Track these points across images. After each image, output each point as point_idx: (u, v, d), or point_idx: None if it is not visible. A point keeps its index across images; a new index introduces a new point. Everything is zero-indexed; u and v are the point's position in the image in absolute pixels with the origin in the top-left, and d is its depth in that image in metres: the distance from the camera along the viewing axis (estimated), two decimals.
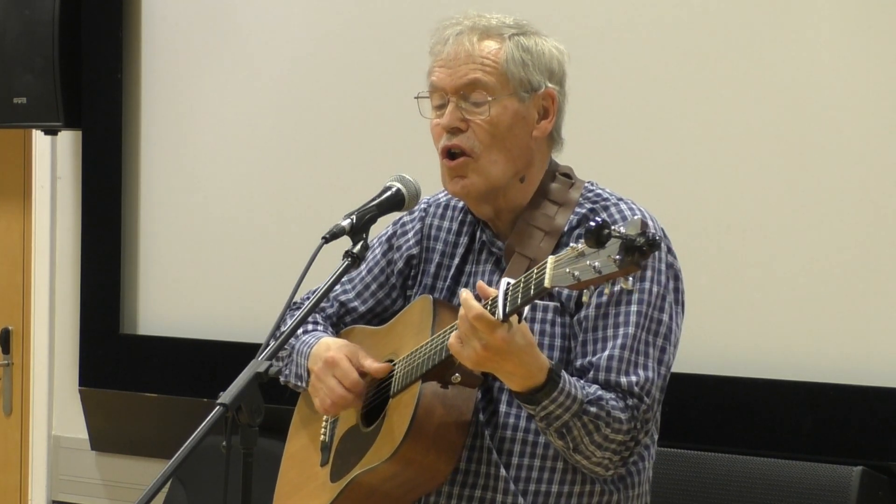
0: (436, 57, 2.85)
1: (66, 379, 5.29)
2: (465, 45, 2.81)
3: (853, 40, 3.82)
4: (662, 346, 2.76)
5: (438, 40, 2.85)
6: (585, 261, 2.37)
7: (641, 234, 2.31)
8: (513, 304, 2.52)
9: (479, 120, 2.79)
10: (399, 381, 2.81)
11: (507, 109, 2.80)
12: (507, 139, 2.81)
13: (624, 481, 2.82)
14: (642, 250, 2.31)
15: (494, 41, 2.82)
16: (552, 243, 2.80)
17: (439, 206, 3.01)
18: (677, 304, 2.80)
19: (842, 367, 3.78)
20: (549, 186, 2.86)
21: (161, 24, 5.03)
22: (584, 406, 2.64)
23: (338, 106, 4.67)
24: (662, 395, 2.77)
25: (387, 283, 3.04)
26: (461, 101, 2.80)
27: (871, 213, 3.77)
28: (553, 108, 2.85)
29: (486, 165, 2.81)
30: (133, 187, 5.09)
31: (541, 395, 2.61)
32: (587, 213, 2.83)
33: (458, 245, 2.95)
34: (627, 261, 2.32)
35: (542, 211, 2.83)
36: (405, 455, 2.73)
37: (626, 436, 2.69)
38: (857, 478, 3.64)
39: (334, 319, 3.07)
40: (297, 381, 3.01)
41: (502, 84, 2.80)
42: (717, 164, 3.97)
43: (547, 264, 2.45)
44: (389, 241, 3.04)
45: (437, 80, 2.83)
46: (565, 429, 2.65)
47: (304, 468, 3.05)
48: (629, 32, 4.11)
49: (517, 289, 2.52)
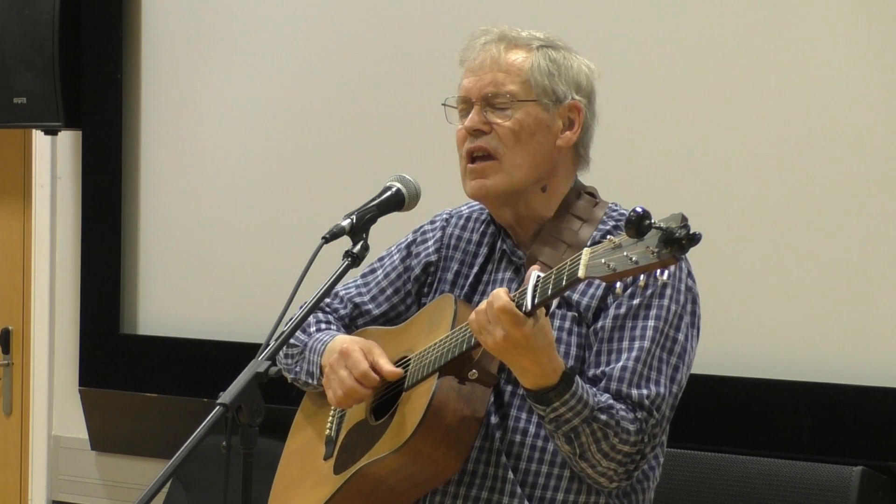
0: (465, 66, 2.88)
1: (66, 379, 5.29)
2: (491, 53, 2.84)
3: (854, 40, 3.82)
4: (676, 364, 2.76)
5: (468, 48, 2.89)
6: (623, 251, 2.37)
7: (682, 227, 2.32)
8: (542, 296, 2.53)
9: (502, 124, 2.81)
10: (414, 375, 2.81)
11: (530, 115, 2.82)
12: (530, 144, 2.82)
13: (629, 497, 2.83)
14: (681, 243, 2.31)
15: (522, 51, 2.85)
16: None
17: (461, 217, 3.02)
18: (693, 328, 2.81)
19: (842, 367, 3.78)
20: (575, 203, 2.87)
21: (161, 24, 5.04)
22: (595, 413, 2.65)
23: (337, 106, 4.67)
24: (672, 413, 2.77)
25: (402, 289, 3.04)
26: (485, 106, 2.83)
27: (872, 214, 3.78)
28: (579, 119, 2.86)
29: (509, 168, 2.82)
30: (133, 187, 5.09)
31: (552, 396, 2.62)
32: (611, 230, 2.84)
33: (478, 255, 2.96)
34: (666, 253, 2.32)
35: (567, 225, 2.85)
36: (415, 446, 2.72)
37: (633, 447, 2.69)
38: (857, 478, 3.64)
39: (346, 321, 3.07)
40: (308, 379, 3.01)
41: (526, 91, 2.82)
42: (717, 164, 3.97)
43: (582, 255, 2.45)
44: (409, 248, 3.05)
45: (464, 88, 2.86)
46: (573, 433, 2.66)
47: (305, 462, 3.05)
48: (629, 34, 4.11)
49: (548, 280, 2.53)
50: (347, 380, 2.86)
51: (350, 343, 2.90)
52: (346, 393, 2.87)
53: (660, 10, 4.06)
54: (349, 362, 2.87)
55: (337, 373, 2.88)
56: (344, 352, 2.88)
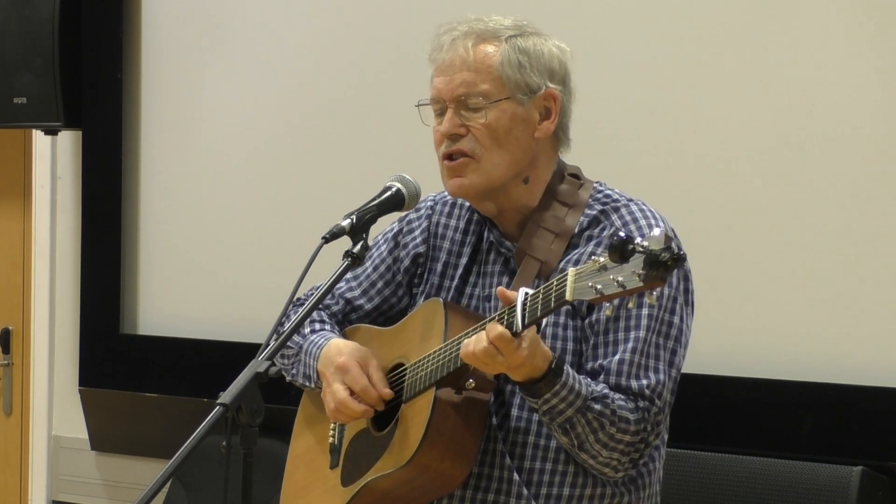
0: (435, 65, 2.85)
1: (66, 379, 5.29)
2: (459, 52, 2.81)
3: (854, 40, 3.81)
4: (673, 347, 2.76)
5: (436, 47, 2.86)
6: (609, 275, 2.38)
7: (666, 249, 2.31)
8: (532, 316, 2.54)
9: (478, 124, 2.79)
10: (412, 387, 2.80)
11: (505, 112, 2.80)
12: (508, 142, 2.80)
13: (635, 483, 2.82)
14: (667, 265, 2.32)
15: (490, 45, 2.81)
16: (563, 245, 2.80)
17: (446, 203, 3.00)
18: (687, 305, 2.80)
19: (842, 367, 3.78)
20: (558, 187, 2.86)
21: (161, 24, 5.03)
22: (588, 403, 2.65)
23: (338, 106, 4.67)
24: (673, 396, 2.77)
25: (393, 281, 3.02)
26: (460, 107, 2.80)
27: (872, 214, 3.77)
28: (555, 107, 2.84)
29: (487, 167, 2.80)
30: (133, 187, 5.09)
31: (542, 387, 2.62)
32: (597, 215, 2.83)
33: (466, 244, 2.94)
34: (652, 276, 2.33)
35: (552, 212, 2.83)
36: (420, 461, 2.72)
37: (635, 437, 2.69)
38: (857, 478, 3.64)
39: (339, 317, 3.06)
40: (305, 381, 2.99)
41: (498, 88, 2.80)
42: (718, 163, 3.97)
43: (567, 277, 2.46)
44: (395, 238, 3.02)
45: (436, 89, 2.84)
46: (568, 424, 2.65)
47: (311, 469, 3.04)
48: (629, 32, 4.11)
49: (536, 300, 2.53)
50: (342, 394, 2.84)
51: (346, 357, 2.87)
52: (337, 408, 2.85)
53: (660, 9, 4.06)
54: (347, 378, 2.85)
55: (332, 388, 2.86)
56: (341, 367, 2.86)
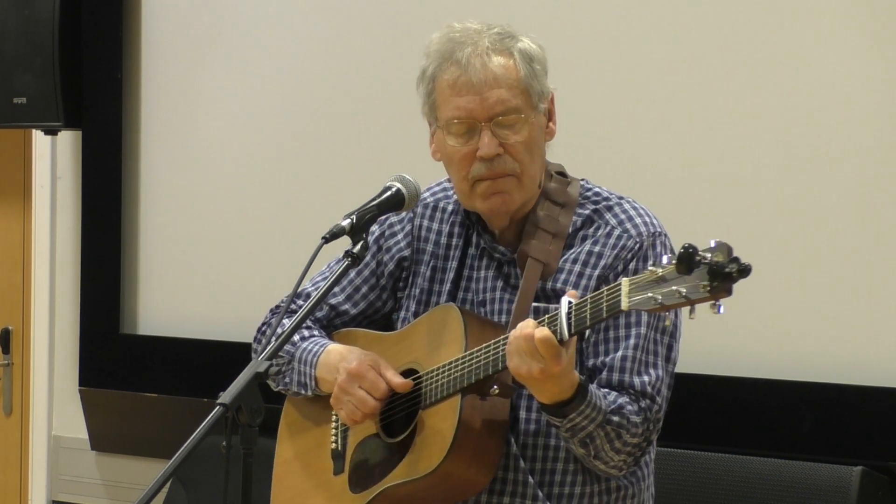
0: (452, 83, 2.77)
1: (66, 379, 5.29)
2: (490, 68, 2.74)
3: (854, 40, 3.81)
4: (669, 343, 2.79)
5: (451, 64, 2.77)
6: (670, 286, 2.38)
7: (733, 261, 2.33)
8: (580, 325, 2.53)
9: (515, 141, 2.76)
10: (432, 394, 2.78)
11: (534, 126, 2.79)
12: (538, 153, 2.81)
13: (635, 474, 2.86)
14: (731, 276, 2.32)
15: (504, 56, 2.77)
16: (560, 245, 2.81)
17: (427, 206, 2.98)
18: None
19: (842, 367, 3.78)
20: (548, 186, 2.86)
21: (161, 24, 5.03)
22: (608, 416, 2.67)
23: (338, 106, 4.67)
24: (670, 391, 2.79)
25: (377, 286, 3.00)
26: (495, 126, 2.76)
27: (872, 214, 3.77)
28: (554, 108, 2.85)
29: (527, 182, 2.80)
30: (133, 187, 5.09)
31: (569, 409, 2.63)
32: (591, 215, 2.83)
33: (452, 248, 2.93)
34: (719, 287, 2.34)
35: (546, 212, 2.83)
36: (446, 469, 2.72)
37: (640, 438, 2.72)
38: (857, 478, 3.64)
39: (324, 322, 3.03)
40: (301, 389, 2.96)
41: (527, 101, 2.77)
42: (717, 164, 3.97)
43: (621, 286, 2.46)
44: (377, 241, 2.99)
45: (464, 109, 2.76)
46: (589, 438, 2.68)
47: (309, 475, 3.01)
48: (628, 32, 4.10)
49: (583, 309, 2.53)
50: (369, 401, 2.81)
51: (358, 363, 2.84)
52: (366, 414, 2.82)
53: (660, 10, 4.06)
54: (366, 384, 2.82)
55: (353, 394, 2.82)
56: (355, 373, 2.82)
